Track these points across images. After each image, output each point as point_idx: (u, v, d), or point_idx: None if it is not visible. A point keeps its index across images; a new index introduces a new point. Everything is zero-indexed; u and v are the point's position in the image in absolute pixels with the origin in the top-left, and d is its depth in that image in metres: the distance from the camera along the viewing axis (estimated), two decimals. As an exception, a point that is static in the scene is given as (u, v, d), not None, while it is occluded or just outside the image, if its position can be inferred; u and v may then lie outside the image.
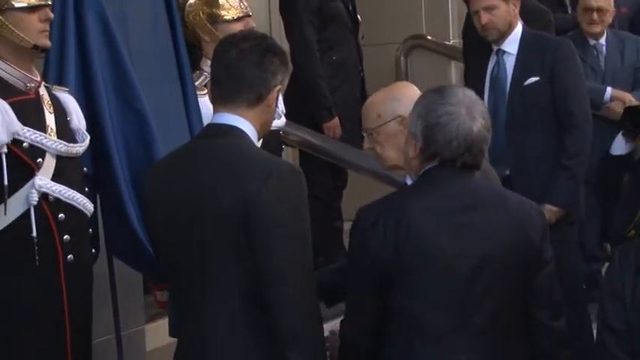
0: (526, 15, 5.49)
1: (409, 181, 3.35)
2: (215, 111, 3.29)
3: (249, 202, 3.08)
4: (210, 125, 3.30)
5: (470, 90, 3.23)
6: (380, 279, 3.10)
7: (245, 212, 3.08)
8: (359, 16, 6.75)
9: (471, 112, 3.13)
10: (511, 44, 5.25)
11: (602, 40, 6.59)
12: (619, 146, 6.39)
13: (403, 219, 3.08)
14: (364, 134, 3.63)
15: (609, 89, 6.45)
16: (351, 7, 6.62)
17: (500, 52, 5.27)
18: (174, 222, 3.22)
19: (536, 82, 5.16)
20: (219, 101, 3.27)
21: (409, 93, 3.56)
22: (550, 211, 5.03)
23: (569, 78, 5.20)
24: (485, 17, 5.18)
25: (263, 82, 3.23)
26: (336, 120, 6.37)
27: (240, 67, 3.21)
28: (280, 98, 4.72)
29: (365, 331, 3.18)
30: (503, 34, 5.23)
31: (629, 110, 6.12)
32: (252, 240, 3.09)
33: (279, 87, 3.28)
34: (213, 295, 3.17)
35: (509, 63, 5.24)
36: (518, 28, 5.27)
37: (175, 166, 3.29)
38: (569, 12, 7.18)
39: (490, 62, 5.30)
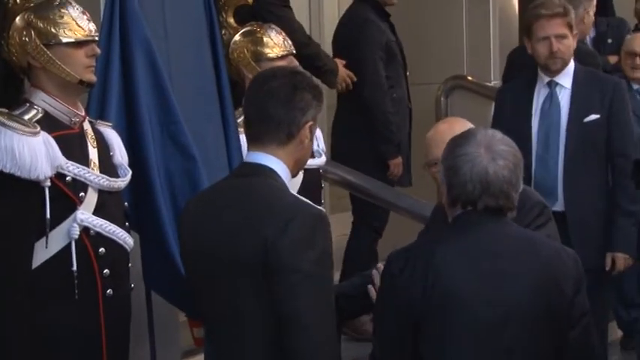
0: (577, 56, 5.44)
1: None
2: (248, 149, 3.28)
3: (270, 244, 3.04)
4: (243, 164, 3.30)
5: (496, 131, 3.15)
6: (407, 324, 3.05)
7: (265, 255, 3.05)
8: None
9: (491, 152, 3.06)
10: (565, 78, 5.15)
11: (645, 85, 6.53)
12: None
13: (431, 265, 3.03)
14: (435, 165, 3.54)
15: None
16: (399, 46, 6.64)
17: (554, 84, 5.16)
18: (202, 260, 3.21)
19: (596, 119, 5.06)
20: (251, 140, 3.25)
21: None
22: (622, 258, 5.00)
23: (624, 119, 5.13)
24: (556, 45, 5.08)
25: (292, 120, 3.20)
26: (400, 158, 6.39)
27: (268, 106, 3.19)
28: (320, 136, 4.76)
29: None
30: (564, 65, 5.15)
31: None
32: (271, 284, 3.06)
33: (311, 123, 3.23)
34: (237, 336, 3.15)
35: (563, 96, 5.13)
36: (572, 63, 5.20)
37: (206, 204, 3.28)
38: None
39: (539, 94, 5.18)
